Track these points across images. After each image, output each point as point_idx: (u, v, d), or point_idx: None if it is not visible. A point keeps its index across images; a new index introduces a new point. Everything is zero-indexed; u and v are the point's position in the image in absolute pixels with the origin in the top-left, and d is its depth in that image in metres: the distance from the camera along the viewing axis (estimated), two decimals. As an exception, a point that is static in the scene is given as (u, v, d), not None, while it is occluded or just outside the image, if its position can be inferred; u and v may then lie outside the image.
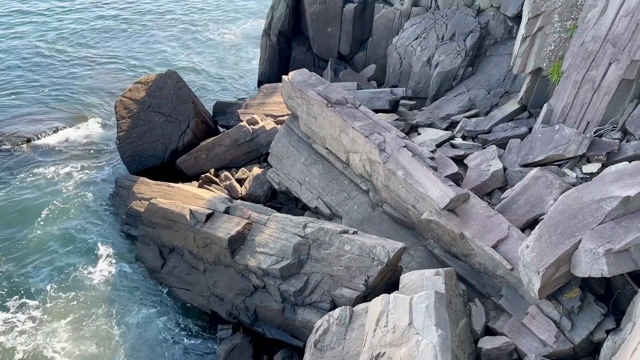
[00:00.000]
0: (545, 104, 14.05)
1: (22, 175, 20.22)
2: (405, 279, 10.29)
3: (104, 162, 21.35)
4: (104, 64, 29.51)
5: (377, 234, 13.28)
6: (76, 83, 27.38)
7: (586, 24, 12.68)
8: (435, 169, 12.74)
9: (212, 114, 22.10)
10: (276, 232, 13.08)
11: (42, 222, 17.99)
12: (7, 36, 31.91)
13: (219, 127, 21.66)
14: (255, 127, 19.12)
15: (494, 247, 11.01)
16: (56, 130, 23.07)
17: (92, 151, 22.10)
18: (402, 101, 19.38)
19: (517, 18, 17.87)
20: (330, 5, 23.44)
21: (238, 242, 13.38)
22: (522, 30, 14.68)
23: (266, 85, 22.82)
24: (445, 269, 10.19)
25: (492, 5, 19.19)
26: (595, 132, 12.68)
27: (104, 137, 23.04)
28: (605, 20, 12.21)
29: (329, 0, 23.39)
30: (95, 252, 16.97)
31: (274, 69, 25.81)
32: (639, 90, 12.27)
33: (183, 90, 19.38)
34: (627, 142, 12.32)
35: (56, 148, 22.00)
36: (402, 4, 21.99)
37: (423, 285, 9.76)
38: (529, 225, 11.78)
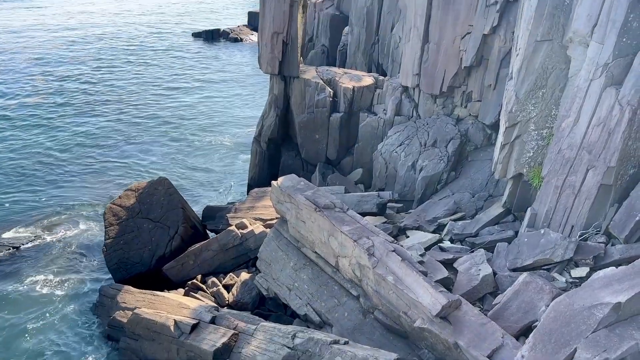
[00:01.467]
0: (529, 208, 14.36)
1: (7, 284, 19.83)
2: (400, 394, 9.82)
3: (90, 270, 21.04)
4: (96, 171, 30.03)
5: (369, 343, 12.86)
6: (68, 189, 27.67)
7: (561, 133, 13.36)
8: (425, 274, 12.66)
9: (201, 218, 22.18)
10: (264, 344, 12.62)
11: (27, 336, 17.46)
12: (5, 139, 32.83)
13: (208, 232, 21.64)
14: (244, 231, 19.13)
15: (490, 356, 10.68)
16: (43, 237, 22.98)
17: (78, 259, 21.82)
18: (389, 204, 19.70)
19: (495, 125, 18.78)
20: (318, 114, 24.57)
21: (224, 354, 12.85)
22: (500, 138, 15.38)
23: (256, 189, 23.21)
24: (441, 382, 9.79)
25: (470, 115, 20.24)
26: (580, 236, 12.86)
27: (91, 244, 22.88)
28: (578, 129, 12.89)
29: (316, 110, 24.55)
30: (78, 366, 16.27)
31: (264, 174, 26.36)
32: (618, 195, 12.65)
33: (173, 197, 19.61)
34: (612, 245, 12.47)
35: (42, 255, 21.77)
36: (385, 113, 23.12)
37: (418, 401, 9.30)
38: (523, 333, 11.52)
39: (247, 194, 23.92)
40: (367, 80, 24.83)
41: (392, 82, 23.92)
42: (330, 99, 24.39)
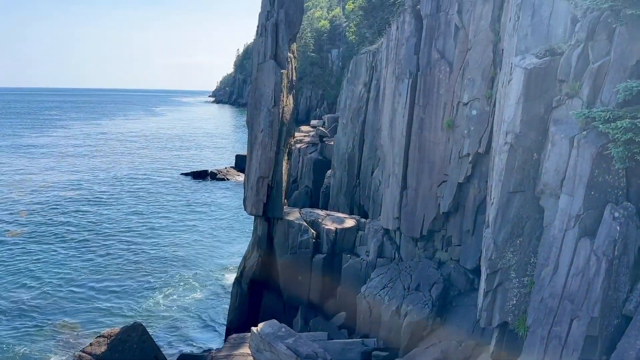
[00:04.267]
0: (518, 362, 13.85)
1: None
2: None
3: None
4: (68, 312, 28.77)
5: None
6: (37, 333, 26.22)
7: (542, 281, 13.40)
8: None
9: (174, 368, 20.91)
10: None
11: None
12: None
13: (181, 384, 20.26)
14: (220, 384, 17.95)
15: None
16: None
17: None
18: (374, 352, 18.91)
19: (477, 270, 18.84)
20: (301, 255, 24.55)
21: None
22: (483, 284, 15.32)
23: (234, 335, 22.21)
24: None
25: (451, 259, 20.39)
26: (573, 394, 12.26)
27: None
28: (558, 278, 12.96)
29: (299, 251, 24.58)
30: None
31: (244, 317, 25.48)
32: (605, 346, 12.34)
33: (146, 344, 18.64)
34: (607, 403, 11.86)
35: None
36: (367, 255, 23.21)
37: None
38: None
39: (225, 340, 22.85)
40: (350, 222, 25.31)
41: (373, 224, 24.39)
42: (313, 240, 24.58)
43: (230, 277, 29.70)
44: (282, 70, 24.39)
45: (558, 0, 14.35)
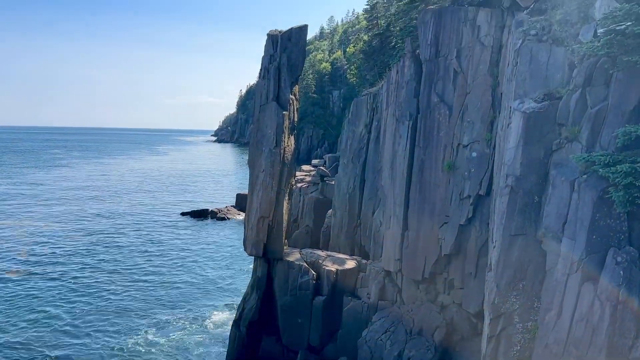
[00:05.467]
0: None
1: None
2: None
3: None
4: (66, 353, 28.14)
5: None
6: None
7: (546, 327, 13.16)
8: None
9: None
10: None
11: None
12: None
13: None
14: None
15: None
16: None
17: None
18: (375, 399, 18.40)
19: (480, 314, 18.52)
20: (301, 297, 24.21)
21: None
22: (486, 329, 15.05)
23: (232, 380, 21.70)
24: None
25: (454, 302, 20.07)
26: None
27: None
28: (562, 323, 12.73)
29: (299, 293, 24.25)
30: None
31: (242, 361, 24.94)
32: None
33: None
34: None
35: None
36: (369, 298, 22.87)
37: None
38: None
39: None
40: (350, 263, 25.07)
41: (374, 265, 24.14)
42: (314, 282, 24.28)
43: (229, 319, 29.08)
44: (283, 112, 24.70)
45: (555, 47, 14.67)
